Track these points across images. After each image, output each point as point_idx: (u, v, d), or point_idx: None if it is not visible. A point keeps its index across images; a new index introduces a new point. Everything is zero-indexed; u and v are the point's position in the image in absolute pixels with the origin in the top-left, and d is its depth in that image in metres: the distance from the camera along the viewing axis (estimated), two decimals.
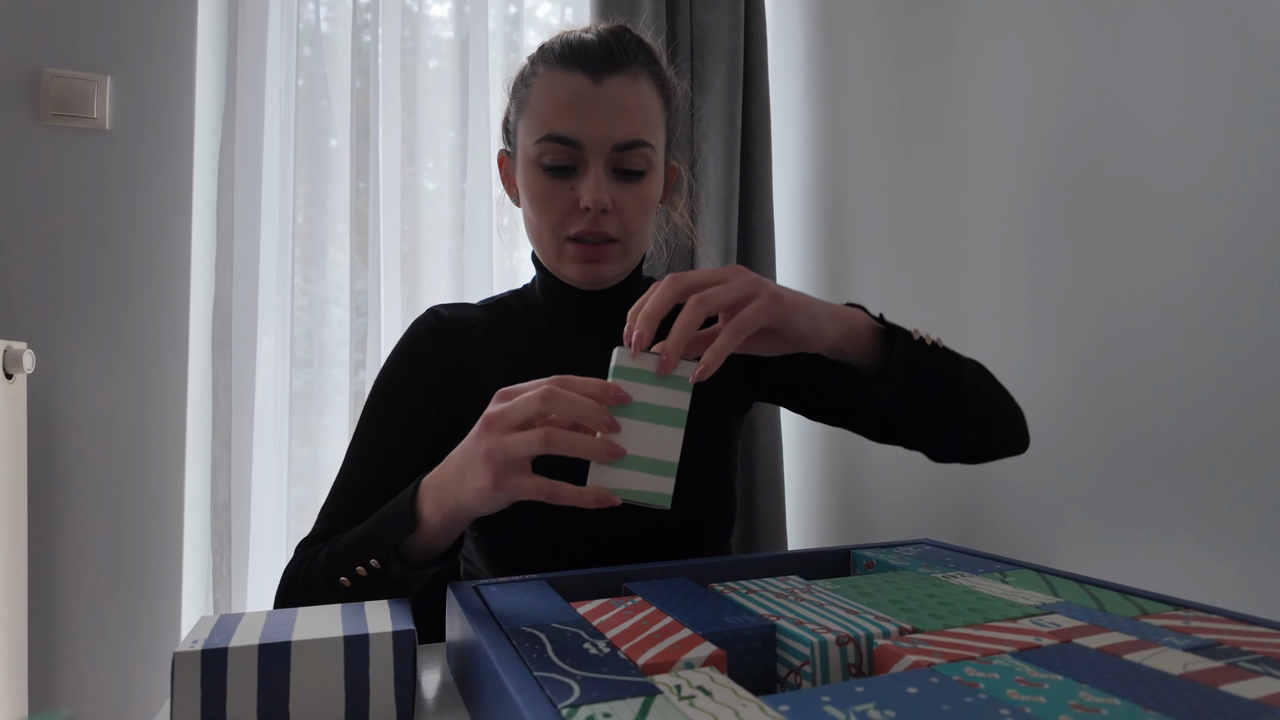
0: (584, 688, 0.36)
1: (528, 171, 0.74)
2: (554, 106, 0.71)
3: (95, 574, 1.21)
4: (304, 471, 1.38)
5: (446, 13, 1.49)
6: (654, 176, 0.75)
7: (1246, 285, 0.72)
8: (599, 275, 0.76)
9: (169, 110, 1.28)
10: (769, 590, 0.53)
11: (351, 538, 0.62)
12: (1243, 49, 0.73)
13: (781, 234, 1.52)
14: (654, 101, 0.75)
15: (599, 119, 0.70)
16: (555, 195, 0.73)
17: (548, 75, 0.73)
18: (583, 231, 0.72)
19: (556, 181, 0.72)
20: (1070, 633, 0.44)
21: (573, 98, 0.71)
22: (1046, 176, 0.94)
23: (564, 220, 0.73)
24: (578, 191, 0.72)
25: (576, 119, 0.70)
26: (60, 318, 1.22)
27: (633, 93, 0.72)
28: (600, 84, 0.71)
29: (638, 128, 0.72)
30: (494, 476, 0.51)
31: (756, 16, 1.46)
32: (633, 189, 0.73)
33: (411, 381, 0.77)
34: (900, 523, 1.18)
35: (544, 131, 0.71)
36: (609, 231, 0.73)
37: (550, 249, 0.75)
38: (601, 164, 0.71)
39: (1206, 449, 0.76)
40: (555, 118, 0.71)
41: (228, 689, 0.44)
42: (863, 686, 0.36)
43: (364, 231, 1.38)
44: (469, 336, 0.80)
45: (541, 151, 0.72)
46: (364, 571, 0.59)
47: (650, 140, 0.73)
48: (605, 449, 0.49)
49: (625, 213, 0.73)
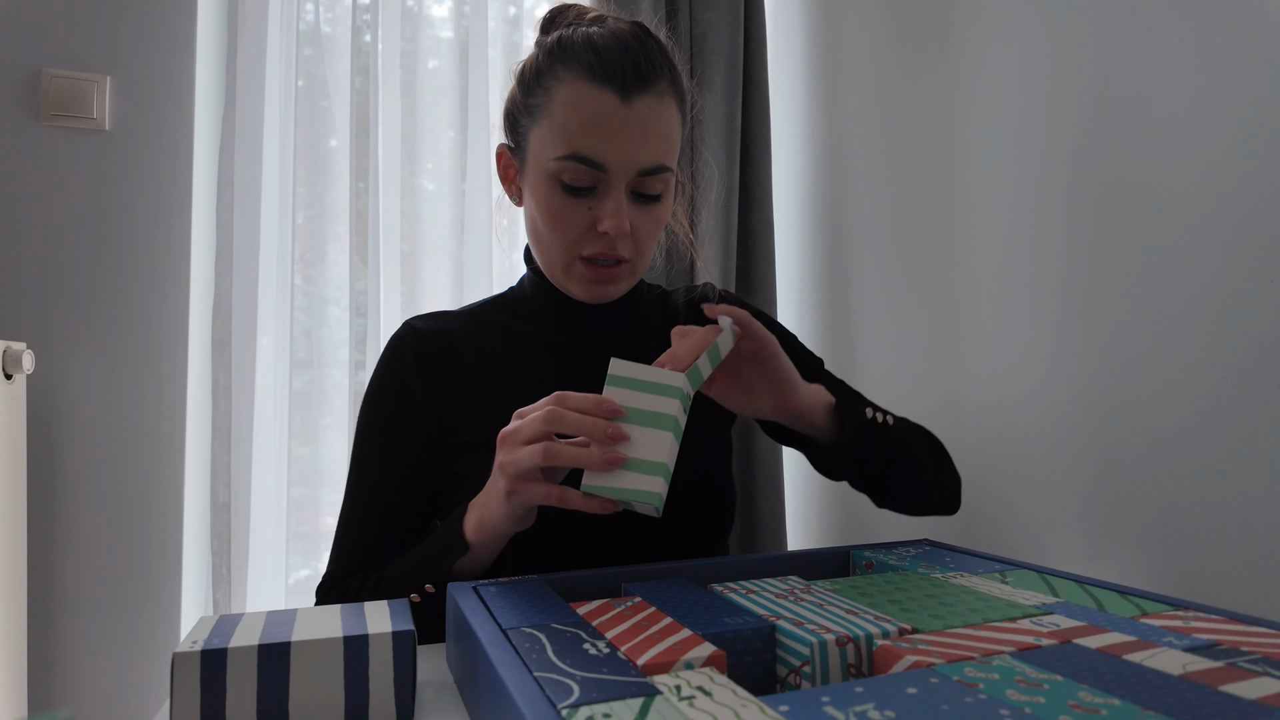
0: (584, 688, 0.36)
1: (542, 185, 0.71)
2: (580, 124, 0.67)
3: (95, 574, 1.21)
4: (304, 471, 1.38)
5: (446, 13, 1.49)
6: (668, 198, 0.74)
7: (1247, 285, 0.72)
8: (606, 295, 0.75)
9: (169, 110, 1.28)
10: (769, 590, 0.53)
11: (399, 570, 0.67)
12: (1244, 49, 0.73)
13: (781, 235, 1.52)
14: (676, 121, 0.72)
15: (627, 143, 0.67)
16: (571, 214, 0.70)
17: (573, 85, 0.68)
18: (596, 253, 0.71)
19: (574, 201, 0.70)
20: (1070, 633, 0.44)
21: (600, 118, 0.67)
22: (1047, 177, 0.94)
23: (578, 240, 0.71)
24: (595, 214, 0.70)
25: (604, 141, 0.67)
26: (60, 318, 1.22)
27: (659, 115, 0.69)
28: (630, 105, 0.67)
29: (663, 153, 0.70)
30: (508, 486, 0.57)
31: (756, 17, 1.46)
32: (649, 211, 0.72)
33: (397, 404, 0.76)
34: (900, 523, 1.18)
35: (568, 150, 0.68)
36: (623, 254, 0.72)
37: (559, 266, 0.74)
38: (623, 187, 0.69)
39: (1206, 449, 0.76)
40: (581, 137, 0.67)
41: (227, 689, 0.44)
42: (862, 687, 0.36)
43: (364, 231, 1.38)
44: (449, 348, 0.79)
45: (562, 169, 0.68)
46: (417, 598, 0.63)
47: (672, 164, 0.71)
48: (604, 458, 0.53)
49: (639, 235, 0.72)
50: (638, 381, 0.55)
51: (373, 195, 1.37)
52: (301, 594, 1.36)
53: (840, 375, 1.34)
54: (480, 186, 1.43)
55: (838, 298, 1.36)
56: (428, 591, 0.63)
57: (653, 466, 0.53)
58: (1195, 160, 0.77)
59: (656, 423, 0.54)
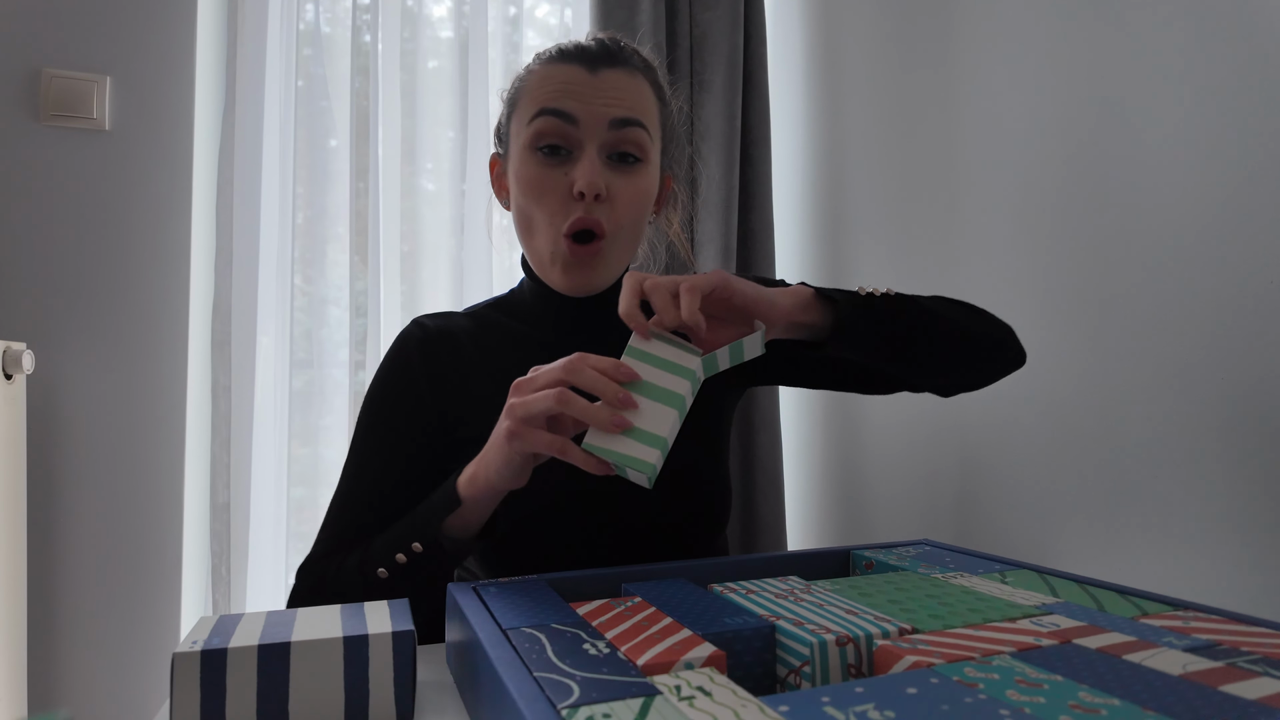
0: (584, 688, 0.36)
1: (520, 160, 0.74)
2: (549, 90, 0.72)
3: (95, 574, 1.21)
4: (303, 472, 1.38)
5: (446, 13, 1.49)
6: (649, 169, 0.74)
7: (1247, 285, 0.72)
8: (588, 282, 0.75)
9: (169, 111, 1.28)
10: (768, 591, 0.53)
11: (390, 533, 0.65)
12: (1243, 48, 0.73)
13: (781, 235, 1.52)
14: (650, 98, 0.75)
15: (596, 99, 0.71)
16: (549, 182, 0.72)
17: (541, 69, 0.74)
18: (576, 221, 0.71)
19: (550, 168, 0.72)
20: (1070, 633, 0.44)
21: (568, 81, 0.72)
22: (1046, 176, 0.94)
23: (560, 209, 0.72)
24: (571, 177, 0.71)
25: (571, 97, 0.71)
26: (60, 318, 1.22)
27: (629, 84, 0.73)
28: (596, 74, 0.72)
29: (635, 110, 0.72)
30: (513, 428, 0.56)
31: (756, 17, 1.46)
32: (627, 177, 0.73)
33: (401, 396, 0.77)
34: (900, 523, 1.18)
35: (538, 108, 0.72)
36: (600, 220, 0.71)
37: (546, 253, 0.74)
38: (596, 147, 0.71)
39: (1206, 449, 0.76)
40: (550, 98, 0.71)
41: (227, 690, 0.44)
42: (862, 687, 0.36)
43: (363, 232, 1.38)
44: (455, 346, 0.80)
45: (536, 133, 0.72)
46: (404, 558, 0.62)
47: (646, 124, 0.73)
48: (610, 419, 0.54)
49: (618, 203, 0.72)
50: (655, 358, 0.57)
51: (372, 195, 1.37)
52: None
53: None
54: (480, 187, 1.43)
55: None
56: (415, 551, 0.62)
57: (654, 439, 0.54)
58: (1196, 158, 0.77)
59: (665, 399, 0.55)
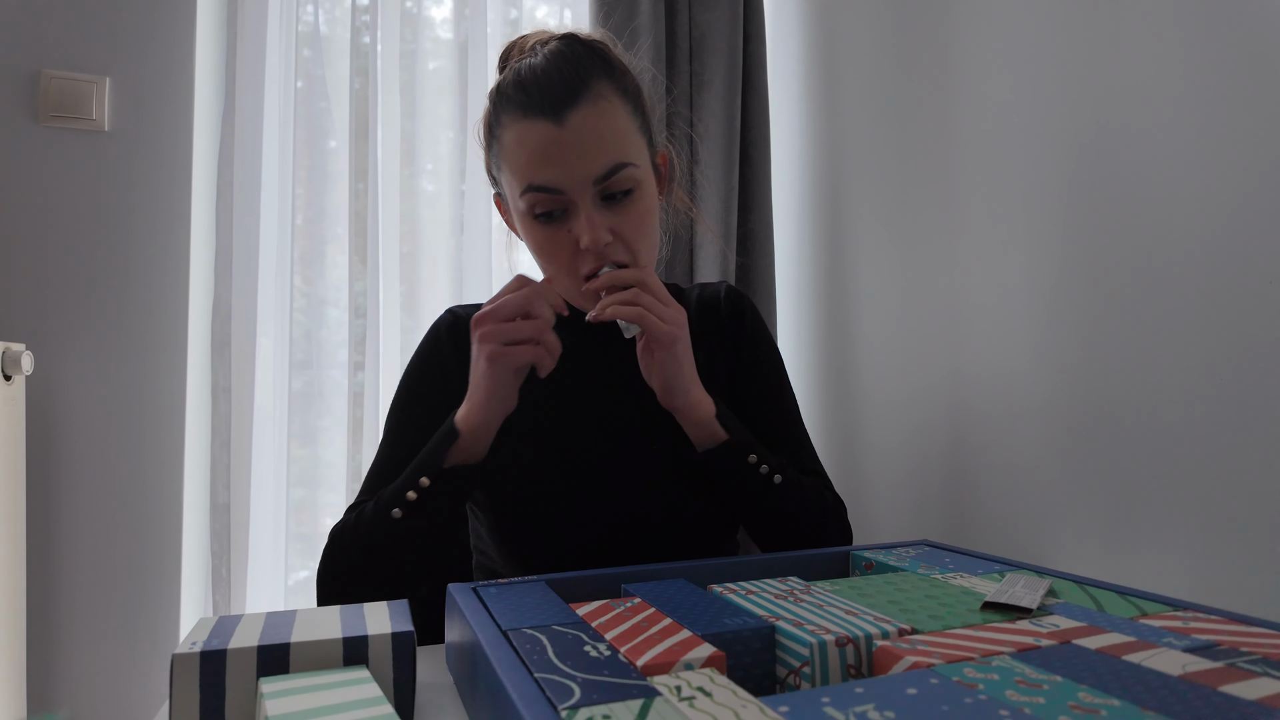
0: (584, 689, 0.37)
1: (522, 223, 0.75)
2: (526, 159, 0.71)
3: (94, 575, 1.21)
4: (303, 473, 1.38)
5: (446, 14, 1.49)
6: (645, 188, 0.75)
7: (1247, 284, 0.72)
8: None
9: (168, 111, 1.28)
10: (768, 591, 0.53)
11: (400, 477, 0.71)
12: (1243, 48, 0.73)
13: (781, 235, 1.52)
14: (623, 116, 0.73)
15: (573, 161, 0.70)
16: (555, 241, 0.73)
17: (512, 127, 0.72)
18: (594, 269, 0.73)
19: (552, 228, 0.73)
20: (1069, 633, 0.44)
21: (541, 147, 0.70)
22: (1046, 176, 0.94)
23: (571, 264, 0.73)
24: (575, 233, 0.72)
25: (550, 166, 0.70)
26: (59, 319, 1.22)
27: (599, 121, 0.71)
28: (564, 125, 0.69)
29: (613, 153, 0.71)
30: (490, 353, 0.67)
31: (755, 17, 1.46)
32: (627, 210, 0.73)
33: (434, 376, 0.82)
34: (900, 523, 1.18)
35: (524, 184, 0.72)
36: (619, 259, 0.73)
37: (571, 293, 0.76)
38: (589, 200, 0.71)
39: (1206, 449, 0.76)
40: (530, 170, 0.71)
41: (226, 690, 0.44)
42: (862, 687, 0.36)
43: (363, 233, 1.38)
44: None
45: (529, 204, 0.72)
46: (414, 495, 0.68)
47: (630, 159, 0.72)
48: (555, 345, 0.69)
49: (625, 234, 0.73)
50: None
51: (372, 196, 1.37)
52: (301, 595, 1.36)
53: (840, 375, 1.34)
54: (479, 188, 1.43)
55: (837, 297, 1.36)
56: (423, 486, 0.68)
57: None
58: (1196, 159, 0.77)
59: None
